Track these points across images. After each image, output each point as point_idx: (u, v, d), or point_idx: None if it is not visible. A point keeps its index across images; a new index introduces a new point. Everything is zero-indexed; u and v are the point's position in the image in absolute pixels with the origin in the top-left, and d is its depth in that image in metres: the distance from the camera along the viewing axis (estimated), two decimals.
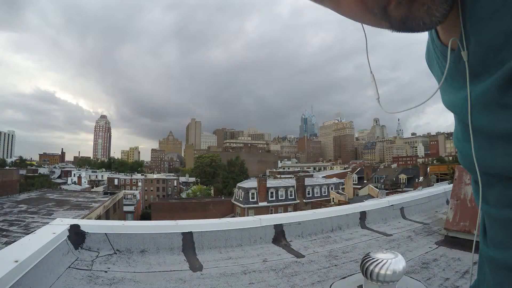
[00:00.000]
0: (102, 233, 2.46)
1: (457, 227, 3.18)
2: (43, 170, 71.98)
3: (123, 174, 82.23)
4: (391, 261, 1.62)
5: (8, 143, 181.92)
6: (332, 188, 43.60)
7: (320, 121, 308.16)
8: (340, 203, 26.97)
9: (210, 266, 2.39)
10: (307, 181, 43.86)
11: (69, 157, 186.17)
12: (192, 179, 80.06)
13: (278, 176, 64.45)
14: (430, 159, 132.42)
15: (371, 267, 1.61)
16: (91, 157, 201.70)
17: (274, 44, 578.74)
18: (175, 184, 78.91)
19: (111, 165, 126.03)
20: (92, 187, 62.76)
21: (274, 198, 39.11)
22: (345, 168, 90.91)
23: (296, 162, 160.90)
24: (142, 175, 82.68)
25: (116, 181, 73.84)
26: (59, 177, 73.51)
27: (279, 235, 3.13)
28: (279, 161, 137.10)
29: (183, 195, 65.31)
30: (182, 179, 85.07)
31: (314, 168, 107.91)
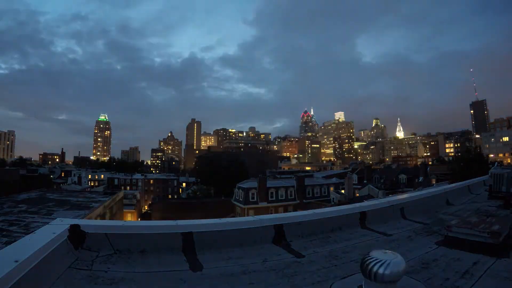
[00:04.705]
0: (102, 233, 2.46)
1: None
2: (43, 170, 71.91)
3: (123, 174, 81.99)
4: (391, 261, 1.62)
5: (8, 143, 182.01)
6: (332, 188, 43.60)
7: (320, 121, 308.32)
8: (340, 203, 26.97)
9: (210, 266, 2.39)
10: (307, 181, 43.86)
11: (69, 157, 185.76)
12: (192, 179, 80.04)
13: (278, 176, 64.43)
14: (430, 159, 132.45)
15: (371, 267, 1.61)
16: (91, 157, 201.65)
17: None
18: (175, 184, 78.83)
19: (111, 165, 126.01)
20: (92, 187, 62.76)
21: (274, 198, 39.11)
22: (345, 168, 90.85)
23: (296, 162, 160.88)
24: (142, 175, 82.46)
25: (116, 181, 73.78)
26: (59, 177, 73.51)
27: (279, 235, 3.12)
28: (279, 161, 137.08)
29: (183, 195, 65.29)
30: (182, 179, 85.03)
31: (314, 168, 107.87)
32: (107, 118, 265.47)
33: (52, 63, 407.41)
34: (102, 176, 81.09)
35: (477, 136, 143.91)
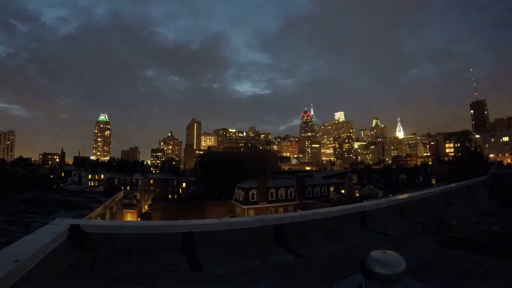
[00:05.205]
0: (102, 233, 2.46)
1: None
2: (43, 170, 71.94)
3: (123, 174, 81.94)
4: (391, 261, 1.62)
5: (8, 143, 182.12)
6: (332, 188, 43.59)
7: (320, 121, 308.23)
8: (340, 203, 26.95)
9: (210, 266, 2.39)
10: (307, 181, 43.83)
11: (69, 157, 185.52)
12: (192, 179, 79.97)
13: (278, 176, 64.36)
14: (430, 159, 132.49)
15: (371, 267, 1.61)
16: (91, 157, 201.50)
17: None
18: (175, 184, 78.80)
19: (111, 165, 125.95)
20: (92, 187, 62.78)
21: (274, 198, 39.10)
22: (345, 168, 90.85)
23: (296, 162, 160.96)
24: (142, 175, 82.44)
25: (116, 181, 73.64)
26: (59, 177, 73.58)
27: (279, 235, 3.12)
28: (279, 161, 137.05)
29: (183, 195, 65.27)
30: (182, 179, 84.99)
31: (314, 168, 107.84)
32: (107, 118, 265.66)
33: (44, 44, 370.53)
34: (102, 176, 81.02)
35: (477, 136, 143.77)
